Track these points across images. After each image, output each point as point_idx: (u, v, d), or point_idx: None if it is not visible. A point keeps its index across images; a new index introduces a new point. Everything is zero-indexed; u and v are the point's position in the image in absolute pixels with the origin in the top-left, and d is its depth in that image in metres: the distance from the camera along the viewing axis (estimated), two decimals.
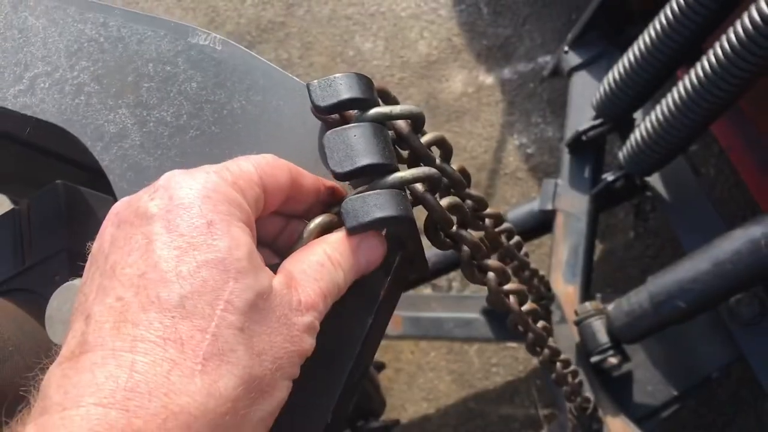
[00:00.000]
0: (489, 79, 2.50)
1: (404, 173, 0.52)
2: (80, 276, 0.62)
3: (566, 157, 1.76)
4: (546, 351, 0.91)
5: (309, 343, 0.46)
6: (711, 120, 1.43)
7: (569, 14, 2.52)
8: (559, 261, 1.67)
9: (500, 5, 2.64)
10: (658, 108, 1.47)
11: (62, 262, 0.79)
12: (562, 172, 1.76)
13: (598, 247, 2.12)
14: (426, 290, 2.22)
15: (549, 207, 1.72)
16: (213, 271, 0.41)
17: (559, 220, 1.71)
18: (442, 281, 2.28)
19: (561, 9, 2.55)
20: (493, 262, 0.69)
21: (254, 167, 0.48)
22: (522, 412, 2.06)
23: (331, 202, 0.55)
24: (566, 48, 1.86)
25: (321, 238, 0.51)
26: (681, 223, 1.64)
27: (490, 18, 2.62)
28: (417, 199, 0.55)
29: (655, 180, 1.68)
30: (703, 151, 2.12)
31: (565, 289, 1.63)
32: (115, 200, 0.92)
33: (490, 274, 0.70)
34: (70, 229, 0.80)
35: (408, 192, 0.54)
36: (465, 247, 0.64)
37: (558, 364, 1.00)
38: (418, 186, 0.55)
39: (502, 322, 1.73)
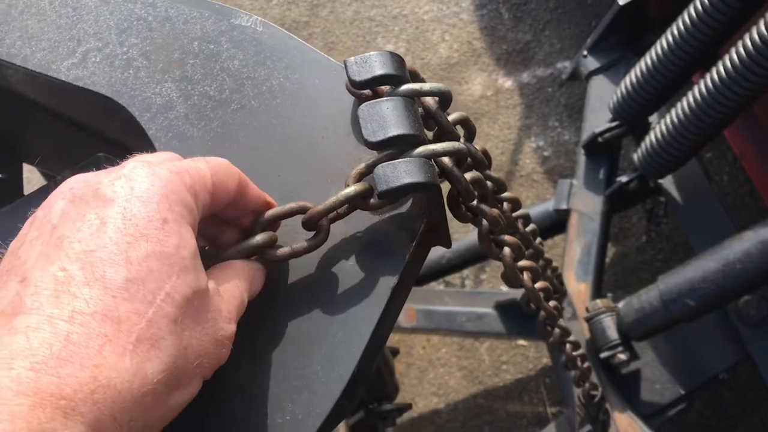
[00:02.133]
0: (508, 83, 2.54)
1: (434, 145, 0.56)
2: None
3: (582, 158, 1.79)
4: (557, 330, 0.95)
5: (227, 352, 0.50)
6: (724, 125, 1.47)
7: (589, 21, 2.56)
8: (572, 259, 1.70)
9: (521, 11, 2.68)
10: (673, 111, 1.50)
11: None
12: (578, 172, 1.79)
13: (611, 250, 2.15)
14: (440, 287, 2.26)
15: (564, 206, 1.76)
16: (159, 264, 0.43)
17: (573, 220, 1.75)
18: (455, 279, 2.32)
19: (580, 16, 2.59)
20: (509, 237, 0.73)
21: (210, 173, 0.51)
22: (530, 410, 2.09)
23: (260, 210, 0.58)
24: (585, 52, 1.90)
25: (231, 263, 0.54)
26: (693, 226, 1.67)
27: (511, 23, 2.66)
28: (443, 172, 0.59)
29: (668, 184, 1.72)
30: (717, 159, 2.15)
31: (577, 286, 1.67)
32: None
33: (506, 249, 0.74)
34: None
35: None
36: (484, 222, 0.68)
37: (568, 346, 1.03)
38: (445, 159, 0.59)
39: (514, 317, 1.77)
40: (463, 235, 2.08)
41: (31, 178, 1.31)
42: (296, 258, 0.58)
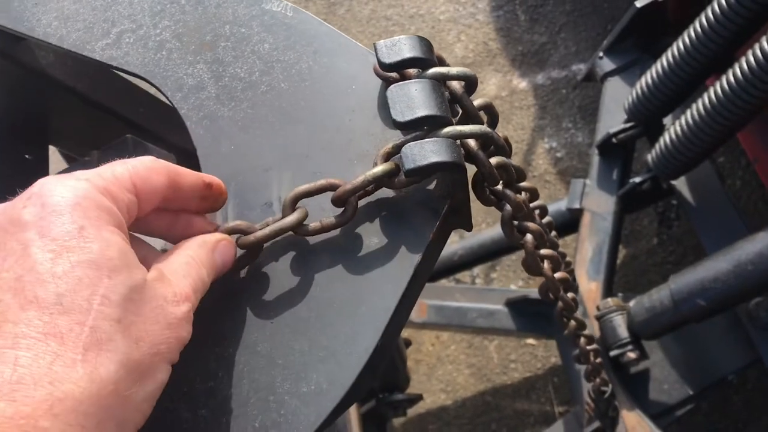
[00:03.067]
0: (522, 84, 2.56)
1: (462, 127, 0.58)
2: None
3: (595, 158, 1.81)
4: (572, 323, 0.96)
5: (187, 330, 0.51)
6: (738, 128, 1.48)
7: (605, 25, 2.57)
8: (584, 258, 1.71)
9: (537, 13, 2.69)
10: (687, 113, 1.52)
11: None
12: (591, 172, 1.80)
13: (621, 252, 2.16)
14: (450, 285, 2.27)
15: (576, 206, 1.77)
16: (87, 270, 0.44)
17: (586, 219, 1.76)
18: (466, 277, 2.33)
19: (596, 19, 2.60)
20: (532, 224, 0.74)
21: (129, 173, 0.52)
22: (537, 408, 2.10)
23: (208, 194, 0.59)
24: (601, 54, 1.91)
25: (184, 242, 0.56)
26: (705, 228, 1.68)
27: (527, 25, 2.67)
28: (468, 155, 0.61)
29: (681, 185, 1.73)
30: (730, 163, 2.16)
31: (588, 285, 1.68)
32: (175, 155, 0.99)
33: (528, 236, 0.75)
34: None
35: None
36: (507, 206, 0.69)
37: (582, 339, 1.05)
38: (471, 142, 0.60)
39: (524, 315, 1.78)
40: (476, 233, 2.09)
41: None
42: (324, 233, 0.60)
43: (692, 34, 1.52)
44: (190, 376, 0.59)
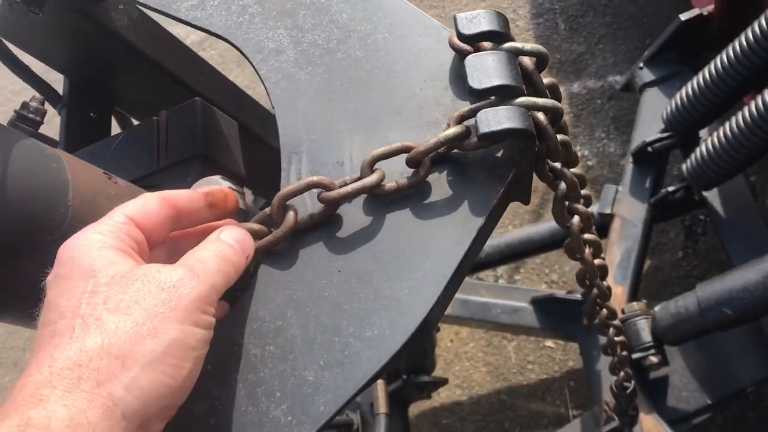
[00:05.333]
0: None
1: (535, 99, 0.61)
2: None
3: (630, 165, 1.83)
4: (604, 311, 0.99)
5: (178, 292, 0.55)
6: None
7: (643, 39, 2.60)
8: (612, 262, 1.74)
9: (577, 23, 2.72)
10: (725, 126, 1.54)
11: (196, 166, 0.90)
12: (624, 179, 1.83)
13: (646, 263, 2.17)
14: (474, 281, 2.30)
15: (608, 210, 1.80)
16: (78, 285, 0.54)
17: (616, 225, 1.78)
18: (489, 277, 2.36)
19: (635, 33, 2.62)
20: (581, 206, 0.78)
21: (125, 215, 0.60)
22: (552, 410, 2.13)
23: (213, 201, 0.65)
24: (641, 64, 1.94)
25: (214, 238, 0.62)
26: (733, 240, 1.69)
27: (566, 34, 2.70)
28: (537, 127, 0.64)
29: (713, 198, 1.75)
30: (762, 183, 2.17)
31: (615, 289, 1.70)
32: (238, 121, 1.03)
33: (576, 218, 0.78)
34: (205, 139, 0.91)
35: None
36: (562, 185, 0.73)
37: (612, 330, 1.07)
38: (541, 115, 0.63)
39: (549, 314, 1.81)
40: (503, 233, 2.12)
41: None
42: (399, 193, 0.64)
43: (737, 49, 1.54)
44: (260, 315, 0.63)
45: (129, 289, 0.53)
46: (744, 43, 1.52)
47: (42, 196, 0.69)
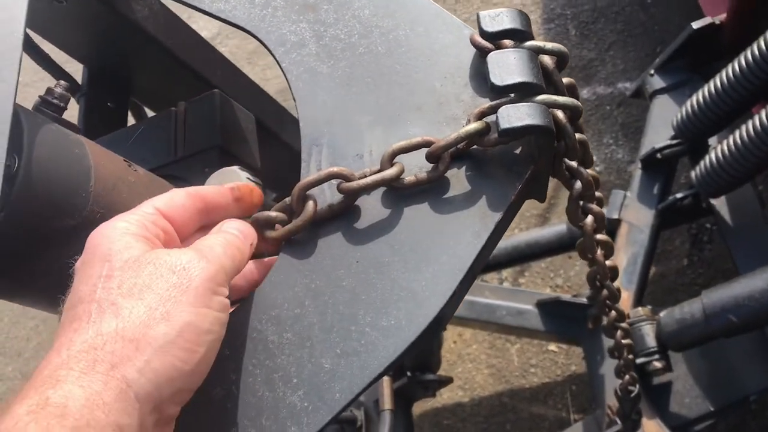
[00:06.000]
0: None
1: (556, 96, 0.62)
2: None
3: (638, 171, 1.84)
4: (613, 313, 1.00)
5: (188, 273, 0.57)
6: None
7: (654, 47, 2.60)
8: (618, 267, 1.74)
9: (588, 29, 2.73)
10: (736, 134, 1.54)
11: (213, 158, 0.91)
12: (632, 185, 1.84)
13: (651, 269, 2.18)
14: (479, 283, 2.31)
15: (615, 216, 1.80)
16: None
17: (623, 230, 1.79)
18: (494, 280, 2.37)
19: (646, 40, 2.63)
20: (595, 206, 0.78)
21: (154, 207, 0.61)
22: (553, 414, 2.13)
23: (239, 195, 0.67)
24: (652, 71, 1.95)
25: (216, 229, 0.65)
26: (740, 248, 1.70)
27: (577, 39, 2.71)
28: (557, 125, 0.65)
29: (721, 206, 1.75)
30: None
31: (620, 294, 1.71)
32: (255, 114, 1.04)
33: (589, 218, 0.79)
34: (223, 131, 0.92)
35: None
36: (578, 184, 0.73)
37: (619, 332, 1.08)
38: (560, 113, 0.64)
39: (554, 317, 1.82)
40: (510, 236, 2.13)
41: None
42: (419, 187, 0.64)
43: (748, 58, 1.55)
44: (279, 302, 0.64)
45: (142, 273, 0.54)
46: (755, 53, 1.53)
47: (65, 180, 0.70)
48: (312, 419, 0.59)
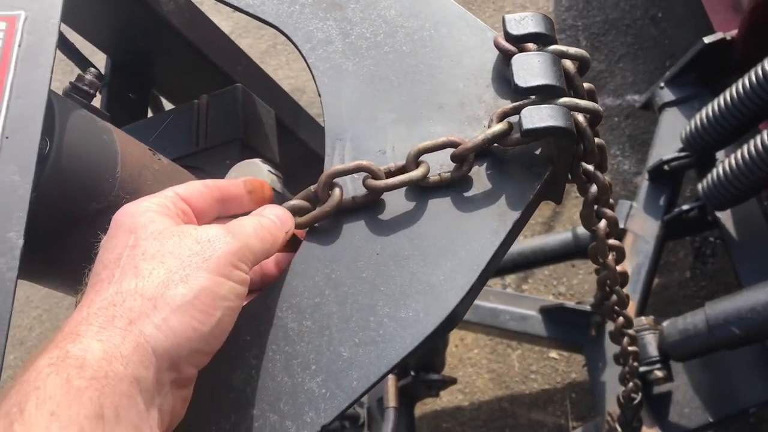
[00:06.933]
0: None
1: (578, 99, 0.64)
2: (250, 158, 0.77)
3: (645, 182, 1.86)
4: (620, 319, 1.01)
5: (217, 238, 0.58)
6: None
7: (664, 60, 2.62)
8: None
9: (599, 41, 2.75)
10: (744, 148, 1.56)
11: (234, 150, 0.92)
12: (639, 196, 1.85)
13: (654, 281, 2.20)
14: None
15: (621, 226, 1.82)
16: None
17: (628, 240, 1.81)
18: (497, 285, 2.38)
19: (656, 54, 2.65)
20: (609, 211, 0.80)
21: (174, 192, 0.63)
22: (552, 420, 2.14)
23: (251, 188, 0.69)
24: (662, 84, 1.97)
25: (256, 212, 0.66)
26: (743, 262, 1.71)
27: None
28: (577, 128, 0.66)
29: (726, 219, 1.77)
30: None
31: None
32: (274, 106, 1.05)
33: (603, 222, 0.81)
34: (244, 125, 0.94)
35: None
36: (593, 188, 0.75)
37: (626, 339, 1.09)
38: (580, 117, 0.66)
39: (557, 323, 1.83)
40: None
41: None
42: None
43: (759, 75, 1.56)
44: (299, 290, 0.66)
45: (167, 242, 0.56)
46: (766, 69, 1.55)
47: (94, 165, 0.72)
48: (329, 405, 0.61)
